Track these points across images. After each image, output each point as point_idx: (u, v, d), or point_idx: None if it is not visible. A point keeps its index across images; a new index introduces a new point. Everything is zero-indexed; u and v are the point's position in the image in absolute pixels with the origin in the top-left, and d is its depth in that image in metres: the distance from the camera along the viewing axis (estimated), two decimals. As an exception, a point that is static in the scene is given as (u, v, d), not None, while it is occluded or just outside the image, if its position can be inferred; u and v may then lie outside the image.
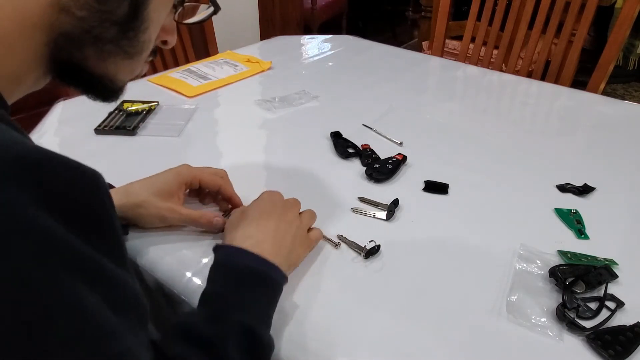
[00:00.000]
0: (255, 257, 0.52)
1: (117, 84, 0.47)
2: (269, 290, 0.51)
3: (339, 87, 1.15)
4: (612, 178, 0.80)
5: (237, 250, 0.53)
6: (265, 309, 0.50)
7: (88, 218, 0.32)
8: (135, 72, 0.48)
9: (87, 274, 0.30)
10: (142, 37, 0.44)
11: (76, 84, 0.45)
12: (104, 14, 0.40)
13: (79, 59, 0.42)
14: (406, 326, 0.53)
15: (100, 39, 0.41)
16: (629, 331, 0.52)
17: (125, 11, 0.41)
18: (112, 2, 0.40)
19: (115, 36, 0.42)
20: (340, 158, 0.85)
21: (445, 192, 0.75)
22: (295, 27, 2.83)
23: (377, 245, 0.62)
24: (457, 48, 1.88)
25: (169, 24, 0.50)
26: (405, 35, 3.76)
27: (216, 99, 1.08)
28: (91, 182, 0.33)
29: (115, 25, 0.41)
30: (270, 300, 0.51)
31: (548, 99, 1.15)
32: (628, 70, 2.89)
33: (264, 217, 0.58)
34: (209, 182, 0.65)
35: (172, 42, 0.51)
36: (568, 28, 1.31)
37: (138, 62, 0.47)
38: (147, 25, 0.44)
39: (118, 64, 0.44)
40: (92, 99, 0.47)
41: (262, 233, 0.55)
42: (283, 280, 0.53)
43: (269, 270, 0.52)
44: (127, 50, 0.44)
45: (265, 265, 0.52)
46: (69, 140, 0.90)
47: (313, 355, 0.50)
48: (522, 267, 0.61)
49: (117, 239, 0.35)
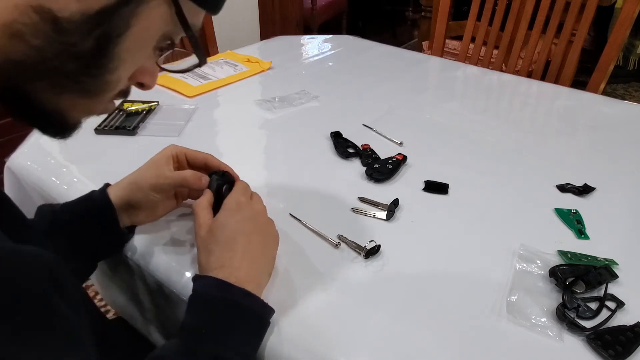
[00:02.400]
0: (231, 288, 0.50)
1: (70, 121, 0.42)
2: (246, 321, 0.49)
3: (339, 87, 1.15)
4: (612, 178, 0.80)
5: (213, 281, 0.51)
6: (244, 342, 0.48)
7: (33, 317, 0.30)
8: (95, 112, 0.43)
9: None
10: (108, 76, 0.39)
11: (22, 117, 0.39)
12: (64, 45, 0.35)
13: (29, 90, 0.37)
14: (406, 326, 0.53)
15: (56, 72, 0.36)
16: (629, 331, 0.52)
17: (90, 46, 0.36)
18: (73, 34, 0.35)
19: (75, 71, 0.37)
20: (340, 158, 0.85)
21: (445, 192, 0.75)
22: (295, 27, 2.83)
23: (377, 245, 0.62)
24: (457, 48, 1.87)
25: (150, 66, 0.44)
26: (405, 35, 3.76)
27: (216, 99, 1.08)
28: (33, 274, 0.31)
29: (76, 60, 0.36)
30: (248, 332, 0.49)
31: (548, 99, 1.15)
32: (628, 70, 2.89)
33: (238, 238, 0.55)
34: (194, 154, 0.65)
35: (150, 84, 0.45)
36: (568, 28, 1.31)
37: (99, 102, 0.42)
38: (116, 64, 0.39)
39: (74, 101, 0.40)
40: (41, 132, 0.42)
41: (237, 260, 0.53)
42: (263, 309, 0.51)
43: (246, 301, 0.50)
44: (88, 89, 0.39)
45: (243, 297, 0.50)
46: (68, 140, 0.89)
47: (313, 355, 0.50)
48: (522, 267, 0.61)
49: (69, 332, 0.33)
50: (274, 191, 0.76)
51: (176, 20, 0.40)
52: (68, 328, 0.33)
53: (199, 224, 0.57)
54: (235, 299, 0.50)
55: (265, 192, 0.75)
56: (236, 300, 0.50)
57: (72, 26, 0.35)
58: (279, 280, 0.58)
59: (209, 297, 0.50)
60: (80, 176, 0.77)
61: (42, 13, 0.34)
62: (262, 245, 0.57)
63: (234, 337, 0.48)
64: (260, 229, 0.58)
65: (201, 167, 0.66)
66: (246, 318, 0.50)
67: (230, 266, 0.52)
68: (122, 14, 0.37)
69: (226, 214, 0.57)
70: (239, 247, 0.54)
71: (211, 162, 0.65)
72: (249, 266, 0.54)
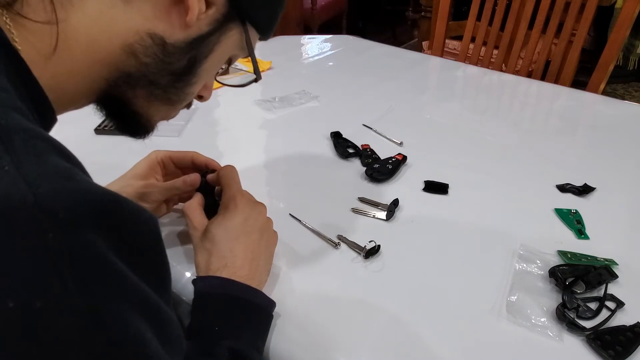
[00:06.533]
0: (236, 285, 0.52)
1: (151, 124, 0.49)
2: (255, 316, 0.51)
3: (339, 87, 1.15)
4: (612, 178, 0.80)
5: (218, 280, 0.52)
6: (253, 335, 0.50)
7: (150, 262, 0.34)
8: (169, 117, 0.51)
9: (149, 314, 0.33)
10: (188, 89, 0.48)
11: (115, 117, 0.47)
12: (165, 64, 0.43)
13: (129, 96, 0.45)
14: (406, 326, 0.53)
15: (153, 83, 0.44)
16: (629, 331, 0.52)
17: (183, 65, 0.45)
18: (176, 55, 0.43)
19: (167, 84, 0.45)
20: (340, 158, 0.85)
21: (445, 192, 0.75)
22: (295, 27, 2.83)
23: (377, 245, 0.62)
24: (457, 48, 1.88)
25: (209, 82, 0.53)
26: (405, 35, 3.76)
27: (216, 99, 1.08)
28: (154, 229, 0.35)
29: (171, 75, 0.45)
30: (257, 326, 0.51)
31: (548, 99, 1.15)
32: (628, 70, 2.89)
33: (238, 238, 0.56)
34: (180, 155, 0.66)
35: (207, 98, 0.54)
36: (568, 28, 1.31)
37: (175, 109, 0.50)
38: (196, 80, 0.47)
39: (159, 108, 0.48)
40: (122, 131, 0.49)
41: (240, 259, 0.54)
42: (268, 304, 0.53)
43: (253, 297, 0.52)
44: (172, 98, 0.47)
45: (249, 293, 0.52)
46: (69, 140, 0.89)
47: (313, 355, 0.50)
48: (522, 267, 0.61)
49: (169, 280, 0.38)
50: (274, 191, 0.76)
51: (244, 46, 0.49)
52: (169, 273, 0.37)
53: (193, 225, 0.58)
54: (243, 296, 0.51)
55: (265, 192, 0.75)
56: (244, 297, 0.51)
57: (175, 50, 0.43)
58: (279, 280, 0.59)
59: (217, 296, 0.51)
60: (80, 176, 0.77)
61: (155, 38, 0.42)
62: (262, 244, 0.57)
63: (246, 331, 0.49)
64: (259, 229, 0.58)
65: (188, 166, 0.67)
66: (255, 313, 0.51)
67: (233, 265, 0.53)
68: (211, 41, 0.45)
69: (225, 214, 0.57)
70: (240, 247, 0.55)
71: (197, 160, 0.66)
72: (251, 265, 0.54)
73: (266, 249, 0.58)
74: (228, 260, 0.53)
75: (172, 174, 0.68)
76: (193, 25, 0.43)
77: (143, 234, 0.33)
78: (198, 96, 0.53)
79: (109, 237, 0.30)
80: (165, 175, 0.67)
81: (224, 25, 0.45)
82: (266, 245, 0.58)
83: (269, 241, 0.59)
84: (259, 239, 0.57)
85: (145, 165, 0.64)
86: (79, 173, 0.31)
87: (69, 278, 0.27)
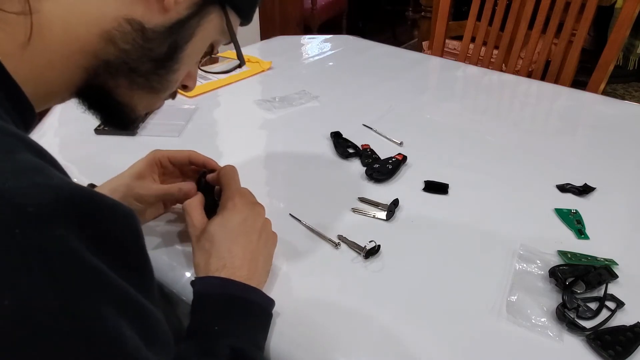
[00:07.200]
0: (235, 284, 0.52)
1: (135, 115, 0.49)
2: (256, 315, 0.51)
3: (339, 87, 1.15)
4: (612, 178, 0.80)
5: (218, 281, 0.52)
6: (253, 333, 0.50)
7: (129, 258, 0.33)
8: (154, 107, 0.51)
9: (128, 311, 0.32)
10: (170, 76, 0.47)
11: (98, 109, 0.46)
12: (145, 50, 0.43)
13: (111, 86, 0.44)
14: (406, 326, 0.53)
15: (134, 71, 0.44)
16: (629, 331, 0.52)
17: (164, 51, 0.44)
18: (156, 41, 0.43)
19: (148, 71, 0.45)
20: (340, 158, 0.85)
21: (445, 192, 0.75)
22: (295, 27, 2.83)
23: (377, 245, 0.62)
24: (457, 48, 1.87)
25: (193, 70, 0.52)
26: (405, 35, 3.76)
27: (216, 99, 1.08)
28: (132, 225, 0.34)
29: (152, 62, 0.44)
30: (257, 325, 0.51)
31: (548, 99, 1.15)
32: (628, 70, 2.89)
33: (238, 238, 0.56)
34: (177, 155, 0.66)
35: (191, 87, 0.53)
36: (568, 28, 1.31)
37: (159, 98, 0.50)
38: (178, 67, 0.47)
39: (142, 97, 0.47)
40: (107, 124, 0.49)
41: (239, 260, 0.54)
42: (267, 302, 0.53)
43: (252, 296, 0.52)
44: (154, 86, 0.46)
45: (248, 292, 0.52)
46: (69, 140, 0.90)
47: (313, 355, 0.50)
48: (522, 267, 0.61)
49: (151, 278, 0.37)
50: (274, 191, 0.76)
51: (225, 30, 0.49)
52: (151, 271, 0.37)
53: (192, 224, 0.58)
54: (241, 294, 0.51)
55: (265, 192, 0.75)
56: (243, 296, 0.51)
57: (155, 35, 0.42)
58: (279, 280, 0.59)
59: (216, 296, 0.51)
60: (80, 176, 0.77)
61: (133, 24, 0.41)
62: (261, 244, 0.57)
63: (246, 330, 0.49)
64: (258, 229, 0.58)
65: (186, 165, 0.67)
66: (255, 312, 0.51)
67: (231, 266, 0.53)
68: (191, 25, 0.45)
69: (224, 214, 0.57)
70: (238, 247, 0.55)
71: (195, 159, 0.66)
72: (250, 265, 0.54)
73: (265, 249, 0.58)
74: (227, 261, 0.53)
75: (171, 174, 0.68)
76: (172, 9, 0.42)
77: (120, 229, 0.33)
78: (182, 86, 0.52)
79: (82, 232, 0.29)
80: (164, 175, 0.67)
81: (203, 9, 0.45)
82: (265, 245, 0.58)
83: (268, 242, 0.59)
84: (258, 240, 0.57)
85: (143, 165, 0.64)
86: (49, 168, 0.30)
87: (39, 274, 0.27)
